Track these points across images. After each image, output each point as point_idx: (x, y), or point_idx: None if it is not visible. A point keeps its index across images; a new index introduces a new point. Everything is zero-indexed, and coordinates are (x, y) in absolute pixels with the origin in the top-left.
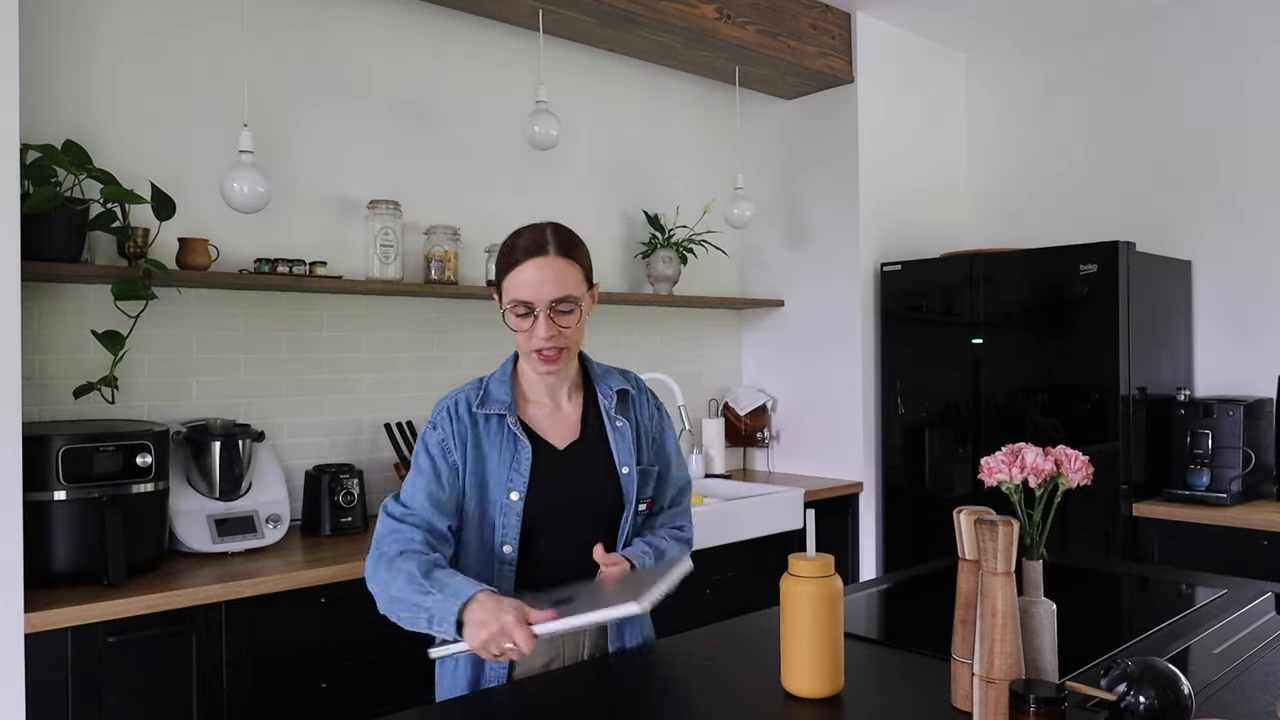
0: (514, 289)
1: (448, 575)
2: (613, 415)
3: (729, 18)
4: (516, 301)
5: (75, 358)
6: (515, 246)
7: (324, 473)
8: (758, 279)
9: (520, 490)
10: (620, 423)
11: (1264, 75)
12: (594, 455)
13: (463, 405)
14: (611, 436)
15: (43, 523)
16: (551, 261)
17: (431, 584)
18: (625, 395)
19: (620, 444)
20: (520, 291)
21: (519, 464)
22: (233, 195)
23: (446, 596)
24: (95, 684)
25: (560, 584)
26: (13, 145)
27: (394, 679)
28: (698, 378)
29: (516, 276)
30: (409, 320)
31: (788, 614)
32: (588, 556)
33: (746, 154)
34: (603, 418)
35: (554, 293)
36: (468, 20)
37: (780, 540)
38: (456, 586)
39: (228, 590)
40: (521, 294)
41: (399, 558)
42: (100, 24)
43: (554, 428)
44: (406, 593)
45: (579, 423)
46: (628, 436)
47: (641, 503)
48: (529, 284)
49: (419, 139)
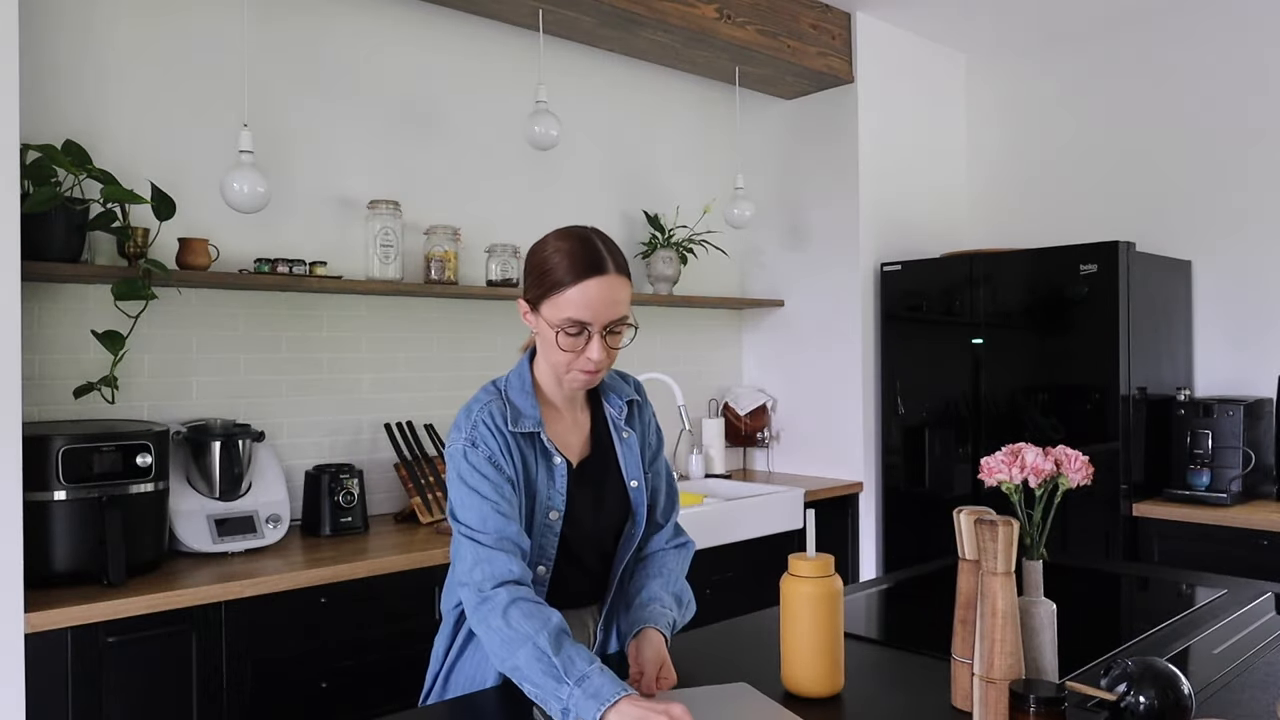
0: (568, 307)
1: (581, 659)
2: (621, 427)
3: (729, 18)
4: (571, 320)
5: (75, 358)
6: (565, 258)
7: (324, 473)
8: (758, 279)
9: (560, 509)
10: (627, 434)
11: (1264, 75)
12: (605, 469)
13: (497, 417)
14: (620, 450)
15: (43, 523)
16: (612, 281)
17: (566, 670)
18: (634, 405)
19: (629, 457)
20: (578, 311)
21: (555, 481)
22: (233, 195)
23: (586, 695)
24: (95, 684)
25: (575, 601)
26: (13, 145)
27: (394, 679)
28: (698, 378)
29: (573, 295)
30: (409, 320)
31: (788, 614)
32: (600, 573)
33: (746, 154)
34: (610, 430)
35: (613, 314)
36: (468, 20)
37: (780, 540)
38: (596, 684)
39: (228, 590)
40: (580, 314)
41: (513, 608)
42: (100, 24)
43: (571, 441)
44: (534, 672)
45: (589, 436)
46: (635, 449)
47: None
48: (589, 304)
49: (419, 139)
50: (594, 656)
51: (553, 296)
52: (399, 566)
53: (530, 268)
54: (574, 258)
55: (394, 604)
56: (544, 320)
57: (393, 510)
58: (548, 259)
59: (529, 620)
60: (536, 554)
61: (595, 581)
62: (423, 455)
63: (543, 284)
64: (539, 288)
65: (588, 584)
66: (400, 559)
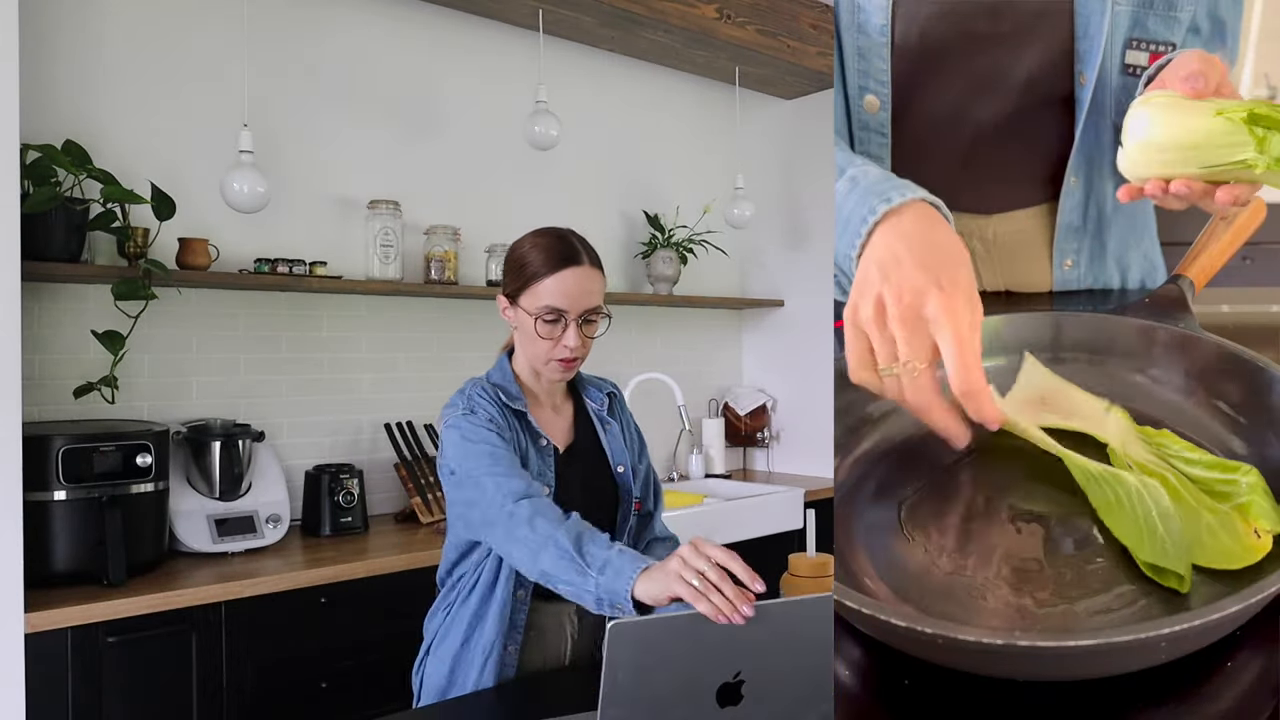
0: (546, 295)
1: (600, 547)
2: (604, 417)
3: (729, 18)
4: (549, 308)
5: (75, 358)
6: (541, 252)
7: (324, 473)
8: (758, 279)
9: (551, 485)
10: (610, 424)
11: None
12: (591, 455)
13: (489, 390)
14: (604, 437)
15: (43, 523)
16: (587, 271)
17: (588, 561)
18: (613, 399)
19: (613, 443)
20: (555, 299)
21: (545, 459)
22: (233, 195)
23: (610, 577)
24: (95, 684)
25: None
26: (13, 145)
27: (394, 679)
28: (698, 378)
29: (550, 284)
30: (409, 320)
31: None
32: None
33: (746, 154)
34: (592, 421)
35: (588, 303)
36: (468, 20)
37: (780, 540)
38: (618, 565)
39: (228, 590)
40: (557, 301)
41: (537, 517)
42: (100, 24)
43: (554, 429)
44: (561, 570)
45: (572, 426)
46: (618, 436)
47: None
48: (565, 292)
49: (419, 139)
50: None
51: (532, 287)
52: (399, 566)
53: (509, 264)
54: (550, 251)
55: (394, 604)
56: (523, 311)
57: (393, 510)
58: (525, 254)
59: (549, 523)
60: None
61: None
62: (423, 455)
63: (521, 276)
64: (518, 280)
65: None
66: (400, 559)
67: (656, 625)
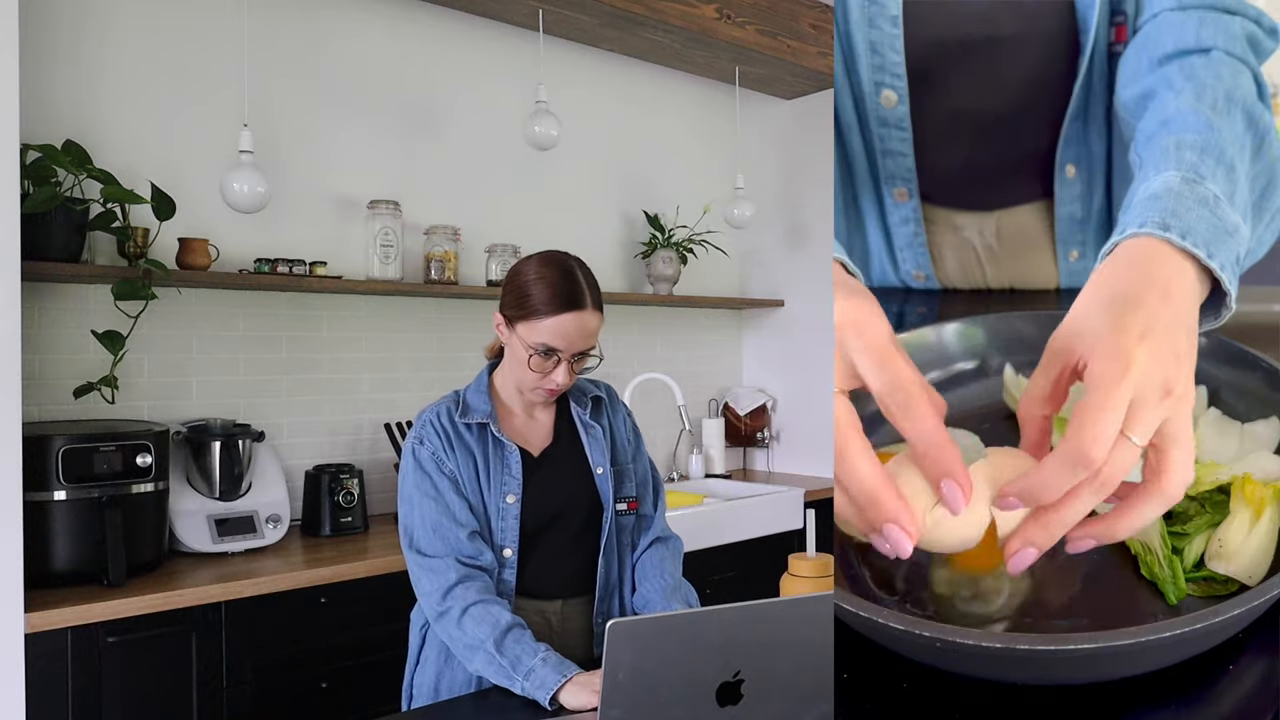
0: (544, 334)
1: (525, 651)
2: (587, 421)
3: (729, 18)
4: (545, 346)
5: (75, 358)
6: (546, 289)
7: (324, 473)
8: (758, 279)
9: (516, 493)
10: (593, 427)
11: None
12: (569, 458)
13: (444, 415)
14: (585, 440)
15: (43, 523)
16: (587, 316)
17: (514, 667)
18: (599, 402)
19: (594, 446)
20: (553, 339)
21: (509, 467)
22: (233, 195)
23: (534, 686)
24: (95, 684)
25: (557, 589)
26: (13, 145)
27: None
28: (698, 378)
29: (550, 324)
30: (409, 320)
31: None
32: (580, 559)
33: (746, 154)
34: (575, 424)
35: (584, 344)
36: (468, 20)
37: (780, 540)
38: (541, 675)
39: (228, 590)
40: (554, 342)
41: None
42: (100, 24)
43: (529, 435)
44: (491, 673)
45: (552, 429)
46: (601, 439)
47: (622, 502)
48: (564, 334)
49: (419, 139)
50: (540, 647)
51: (530, 320)
52: (399, 566)
53: (512, 287)
54: (555, 289)
55: (394, 604)
56: (518, 338)
57: (393, 510)
58: (529, 285)
59: (479, 626)
60: (500, 538)
61: (571, 575)
62: None
63: (522, 307)
64: (518, 309)
65: (557, 576)
66: (400, 559)
67: (656, 624)
